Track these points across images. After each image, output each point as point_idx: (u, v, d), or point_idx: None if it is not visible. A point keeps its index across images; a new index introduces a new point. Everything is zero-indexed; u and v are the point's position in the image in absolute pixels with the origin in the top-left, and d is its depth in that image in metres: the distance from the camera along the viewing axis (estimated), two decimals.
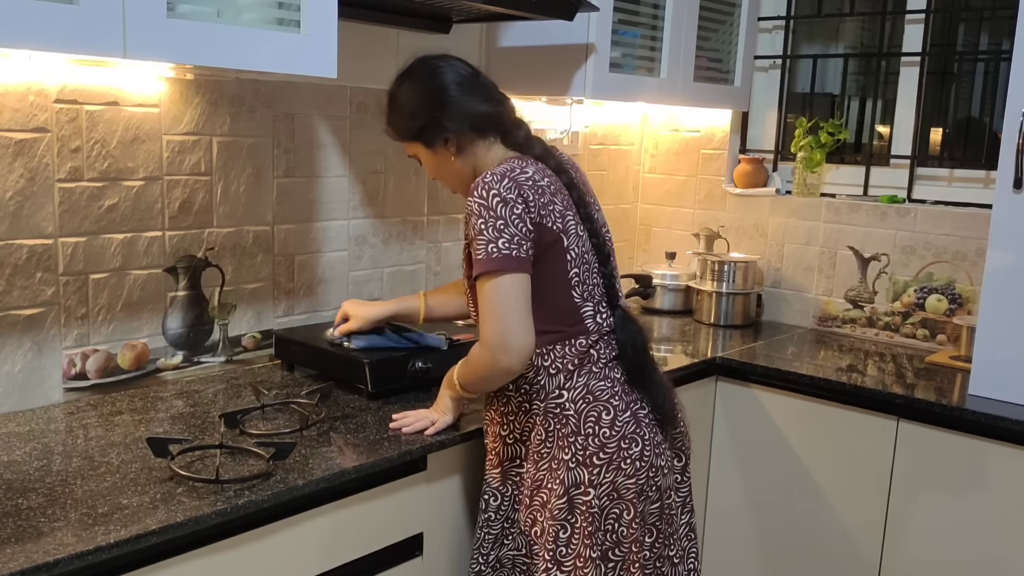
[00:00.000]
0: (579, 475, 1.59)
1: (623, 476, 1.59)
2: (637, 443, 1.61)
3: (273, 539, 1.50)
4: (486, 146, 1.68)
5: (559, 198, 1.62)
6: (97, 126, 1.84)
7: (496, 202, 1.53)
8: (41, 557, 1.20)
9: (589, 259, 1.65)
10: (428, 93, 1.65)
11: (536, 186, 1.58)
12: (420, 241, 2.54)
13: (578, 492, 1.59)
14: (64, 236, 1.82)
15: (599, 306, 1.66)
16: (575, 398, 1.62)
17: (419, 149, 1.71)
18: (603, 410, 1.61)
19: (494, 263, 1.52)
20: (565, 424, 1.61)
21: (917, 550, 2.23)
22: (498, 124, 1.68)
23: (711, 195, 3.09)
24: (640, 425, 1.62)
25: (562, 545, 1.61)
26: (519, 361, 1.54)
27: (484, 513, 1.74)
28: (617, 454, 1.59)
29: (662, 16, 2.59)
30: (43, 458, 1.55)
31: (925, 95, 2.73)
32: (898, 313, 2.72)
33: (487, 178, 1.56)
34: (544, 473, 1.64)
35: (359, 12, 2.15)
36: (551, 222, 1.58)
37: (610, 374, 1.64)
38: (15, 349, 1.78)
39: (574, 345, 1.63)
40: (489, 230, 1.53)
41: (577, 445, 1.60)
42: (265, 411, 1.81)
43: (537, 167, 1.63)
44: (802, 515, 2.42)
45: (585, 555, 1.59)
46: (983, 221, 2.43)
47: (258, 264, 2.16)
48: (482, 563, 1.74)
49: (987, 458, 2.10)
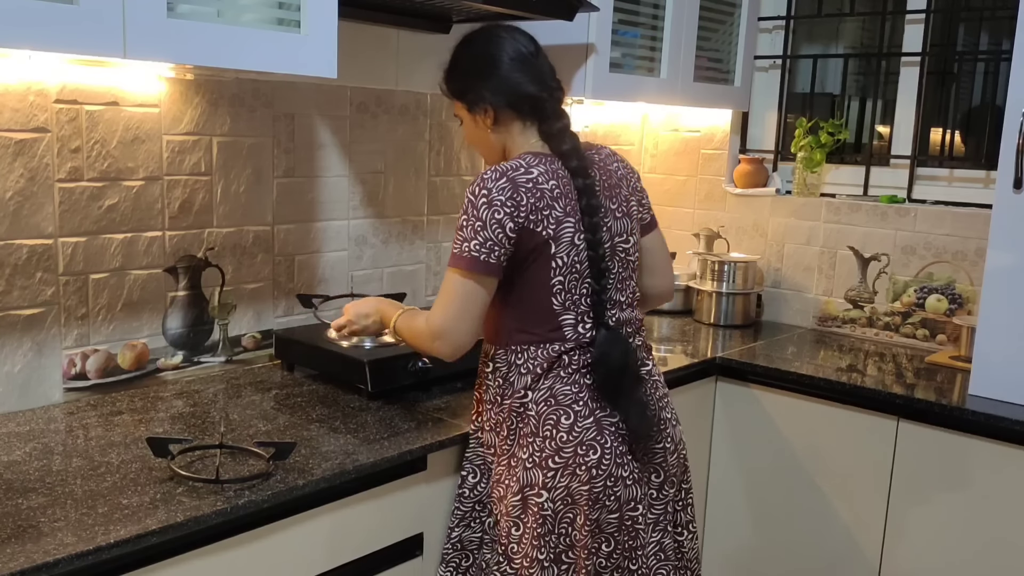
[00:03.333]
0: (534, 476, 1.59)
1: (577, 482, 1.57)
2: (596, 450, 1.58)
3: (273, 539, 1.50)
4: (521, 127, 1.67)
5: (563, 202, 1.58)
6: (97, 126, 1.84)
7: (482, 203, 1.54)
8: (41, 557, 1.20)
9: (581, 269, 1.60)
10: (480, 58, 1.66)
11: (536, 189, 1.56)
12: (420, 241, 2.54)
13: (532, 493, 1.59)
14: (64, 236, 1.82)
15: (583, 316, 1.62)
16: (537, 399, 1.61)
17: (463, 111, 1.71)
18: (563, 414, 1.59)
19: (463, 261, 1.55)
20: (526, 424, 1.61)
21: (917, 550, 2.23)
22: (538, 109, 1.65)
23: (711, 195, 3.09)
24: (602, 432, 1.59)
25: (513, 542, 1.63)
26: (451, 354, 1.60)
27: (460, 488, 1.75)
28: (573, 459, 1.57)
29: (662, 16, 2.59)
30: (43, 458, 1.55)
31: (925, 95, 2.73)
32: (898, 313, 2.72)
33: (487, 174, 1.56)
34: (504, 469, 1.65)
35: (359, 12, 2.15)
36: (542, 227, 1.56)
37: (579, 380, 1.61)
38: (15, 349, 1.78)
39: (547, 350, 1.61)
40: (468, 229, 1.55)
41: (535, 446, 1.59)
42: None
43: (548, 168, 1.59)
44: (802, 515, 2.42)
45: (532, 555, 1.60)
46: (983, 221, 2.43)
47: (258, 264, 2.16)
48: (447, 545, 1.75)
49: (987, 458, 2.10)
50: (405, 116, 2.44)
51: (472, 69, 1.67)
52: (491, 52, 1.65)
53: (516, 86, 1.63)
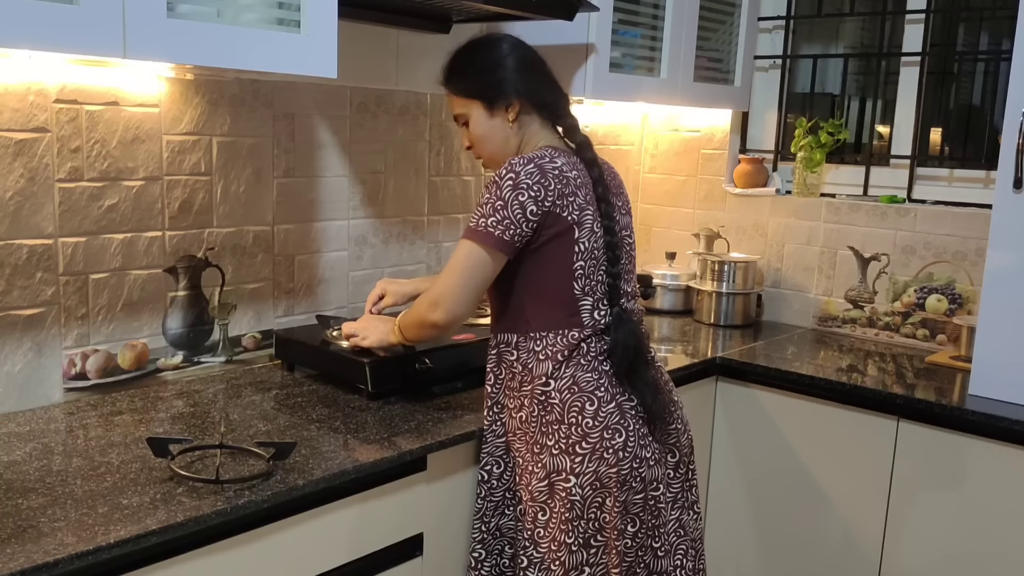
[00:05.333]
0: (561, 462, 1.63)
1: (606, 466, 1.62)
2: (621, 433, 1.64)
3: (273, 539, 1.50)
4: (541, 124, 1.76)
5: (583, 192, 1.67)
6: (97, 126, 1.84)
7: (508, 185, 1.60)
8: (41, 557, 1.20)
9: (599, 255, 1.68)
10: (508, 56, 1.74)
11: (562, 176, 1.64)
12: (420, 241, 2.54)
13: (559, 479, 1.63)
14: (64, 236, 1.82)
15: (599, 303, 1.69)
16: (561, 388, 1.65)
17: (475, 108, 1.74)
18: (587, 400, 1.64)
19: (477, 235, 1.62)
20: (550, 411, 1.65)
21: (917, 550, 2.23)
22: (556, 108, 1.76)
23: (711, 195, 3.09)
24: (624, 416, 1.65)
25: (540, 527, 1.67)
26: (445, 323, 1.66)
27: (486, 483, 1.76)
28: (600, 444, 1.62)
29: (662, 16, 2.59)
30: (43, 458, 1.55)
31: (925, 95, 2.73)
32: (898, 313, 2.72)
33: (515, 160, 1.63)
34: (528, 455, 1.69)
35: (359, 12, 2.15)
36: (568, 212, 1.63)
37: (599, 367, 1.67)
38: (15, 349, 1.78)
39: (566, 336, 1.67)
40: (487, 206, 1.62)
41: (561, 433, 1.64)
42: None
43: (569, 159, 1.69)
44: (802, 515, 2.42)
45: (560, 539, 1.63)
46: (983, 221, 2.43)
47: (258, 264, 2.16)
48: (484, 531, 1.77)
49: (987, 458, 2.10)
50: (405, 116, 2.44)
51: (499, 65, 1.72)
52: (516, 52, 1.75)
53: (537, 83, 1.75)
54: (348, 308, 2.37)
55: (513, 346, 1.71)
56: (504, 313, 1.73)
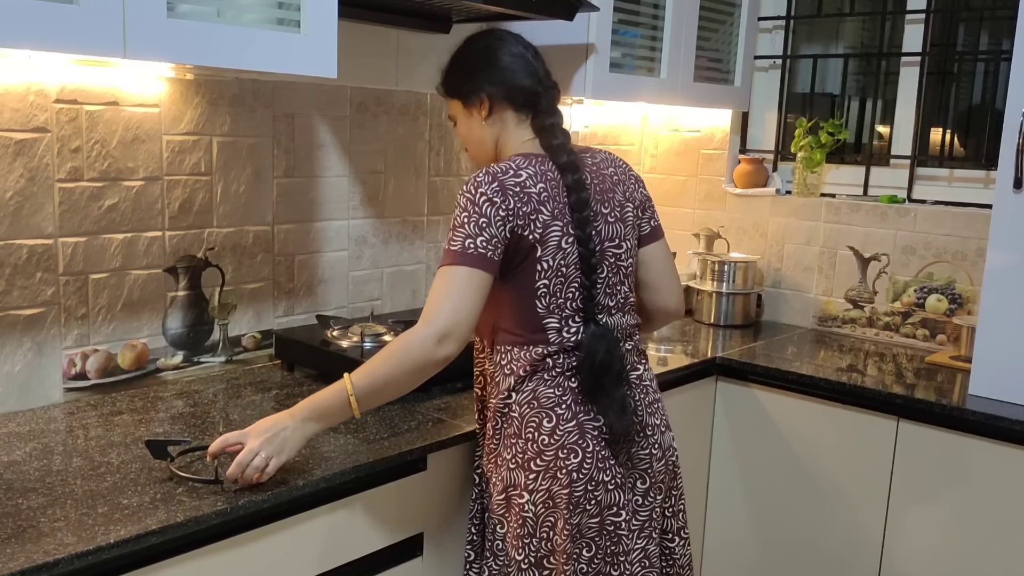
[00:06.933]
0: (517, 477, 1.59)
1: (558, 485, 1.56)
2: (577, 454, 1.56)
3: (273, 539, 1.50)
4: (516, 120, 1.67)
5: (550, 206, 1.56)
6: (97, 126, 1.84)
7: (483, 200, 1.52)
8: (41, 557, 1.20)
9: (567, 273, 1.58)
10: (480, 53, 1.68)
11: (523, 193, 1.54)
12: (420, 241, 2.54)
13: (515, 493, 1.59)
14: (64, 236, 1.82)
15: (569, 320, 1.59)
16: (521, 401, 1.60)
17: (458, 108, 1.72)
18: (545, 417, 1.57)
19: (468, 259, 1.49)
20: (509, 424, 1.61)
21: (917, 550, 2.23)
22: (532, 102, 1.65)
23: (711, 195, 3.09)
24: (584, 436, 1.57)
25: (499, 539, 1.64)
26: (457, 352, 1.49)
27: (478, 484, 1.75)
28: (554, 463, 1.56)
29: (662, 16, 2.59)
30: (43, 458, 1.55)
31: (925, 95, 2.73)
32: (898, 313, 2.72)
33: (479, 177, 1.55)
34: (491, 466, 1.66)
35: (359, 12, 2.15)
36: (529, 232, 1.54)
37: (564, 383, 1.59)
38: (15, 349, 1.78)
39: (530, 352, 1.59)
40: (470, 225, 1.51)
41: (518, 447, 1.59)
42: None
43: (537, 170, 1.57)
44: (802, 515, 2.42)
45: (511, 555, 1.61)
46: (983, 221, 2.43)
47: (258, 264, 2.16)
48: (475, 533, 1.75)
49: (987, 458, 2.10)
50: (405, 116, 2.44)
51: (470, 64, 1.68)
52: (490, 47, 1.68)
53: (512, 77, 1.65)
54: (348, 308, 2.38)
55: (485, 356, 1.68)
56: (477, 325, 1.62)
